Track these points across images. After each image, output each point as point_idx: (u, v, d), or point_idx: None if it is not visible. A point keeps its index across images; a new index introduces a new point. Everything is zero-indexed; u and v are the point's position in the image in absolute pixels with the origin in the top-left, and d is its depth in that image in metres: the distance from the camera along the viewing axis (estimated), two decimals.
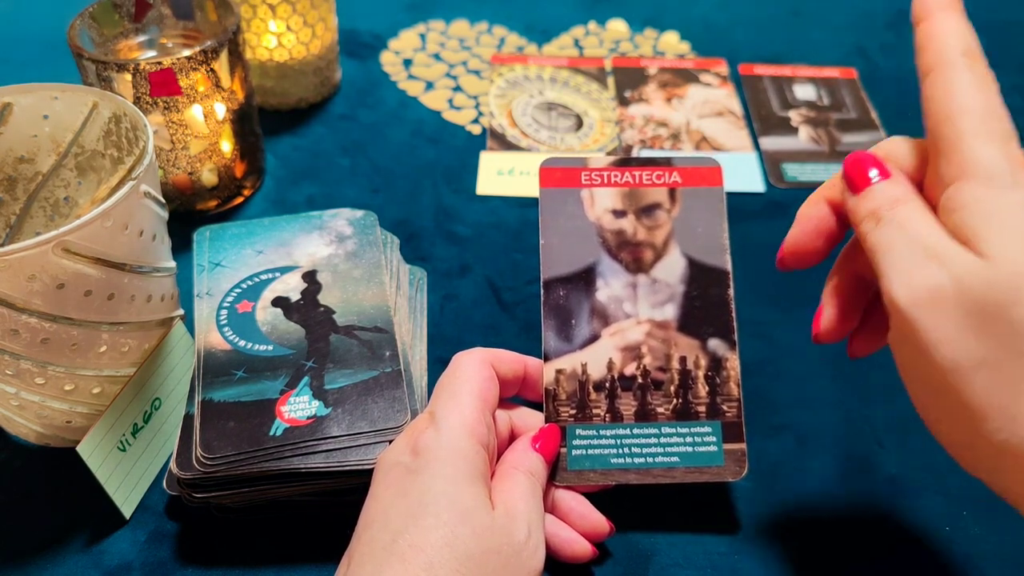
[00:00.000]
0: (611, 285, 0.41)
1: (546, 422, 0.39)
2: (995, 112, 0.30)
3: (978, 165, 0.29)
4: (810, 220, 0.35)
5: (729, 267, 0.41)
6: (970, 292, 0.28)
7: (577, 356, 0.40)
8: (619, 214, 0.42)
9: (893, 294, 0.30)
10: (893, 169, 0.33)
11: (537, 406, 0.40)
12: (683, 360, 0.40)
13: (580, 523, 0.38)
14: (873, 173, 0.32)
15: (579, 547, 0.37)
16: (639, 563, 0.39)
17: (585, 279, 0.41)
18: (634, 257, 0.41)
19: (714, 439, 0.39)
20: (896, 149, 0.33)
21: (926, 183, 0.32)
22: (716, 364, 0.40)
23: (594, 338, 0.40)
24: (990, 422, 0.28)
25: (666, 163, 0.43)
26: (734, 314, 0.41)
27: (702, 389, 0.40)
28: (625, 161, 0.43)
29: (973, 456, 0.30)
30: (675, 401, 0.40)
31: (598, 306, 0.41)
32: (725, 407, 0.40)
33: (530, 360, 0.40)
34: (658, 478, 0.39)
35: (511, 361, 0.39)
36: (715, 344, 0.41)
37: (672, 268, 0.41)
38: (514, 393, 0.41)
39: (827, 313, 0.36)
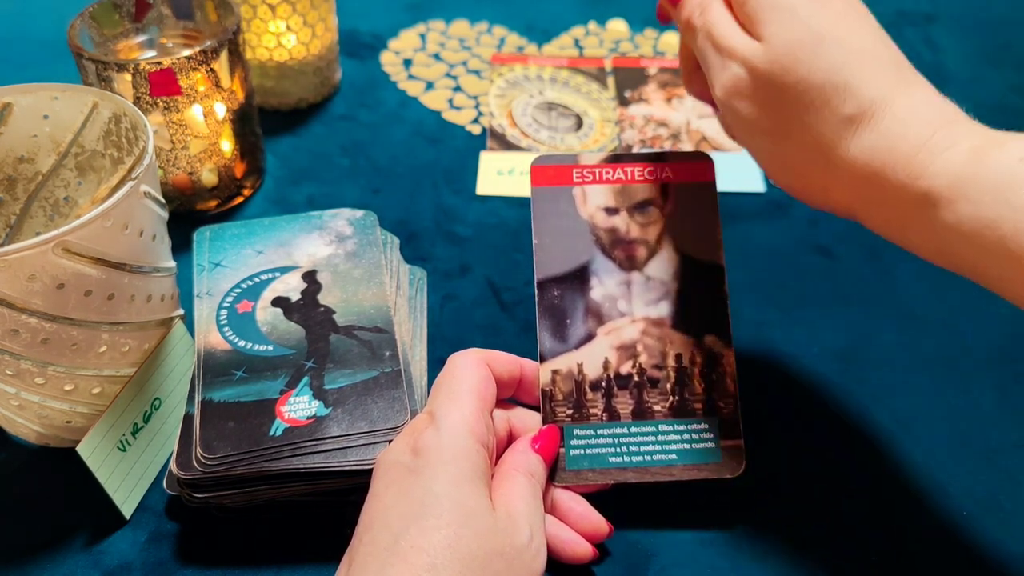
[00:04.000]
0: (605, 284, 0.41)
1: (544, 423, 0.39)
2: None
3: None
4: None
5: (723, 263, 0.41)
6: (757, 76, 0.33)
7: (573, 356, 0.40)
8: (612, 211, 0.42)
9: (714, 94, 0.36)
10: None
11: (534, 408, 0.40)
12: (679, 357, 0.40)
13: (580, 524, 0.38)
14: None
15: (580, 548, 0.37)
16: (639, 563, 0.39)
17: (579, 278, 0.41)
18: (628, 255, 0.41)
19: (711, 436, 0.39)
20: None
21: None
22: (712, 361, 0.40)
23: (589, 337, 0.40)
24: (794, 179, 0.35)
25: (657, 158, 0.43)
26: (729, 310, 0.41)
27: (698, 386, 0.40)
28: (617, 157, 0.43)
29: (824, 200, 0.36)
30: (672, 398, 0.40)
31: (593, 305, 0.41)
32: (722, 403, 0.40)
33: (526, 363, 0.40)
34: (656, 476, 0.39)
35: (506, 362, 0.39)
36: (710, 341, 0.40)
37: (666, 265, 0.41)
38: (510, 395, 0.41)
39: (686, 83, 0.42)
